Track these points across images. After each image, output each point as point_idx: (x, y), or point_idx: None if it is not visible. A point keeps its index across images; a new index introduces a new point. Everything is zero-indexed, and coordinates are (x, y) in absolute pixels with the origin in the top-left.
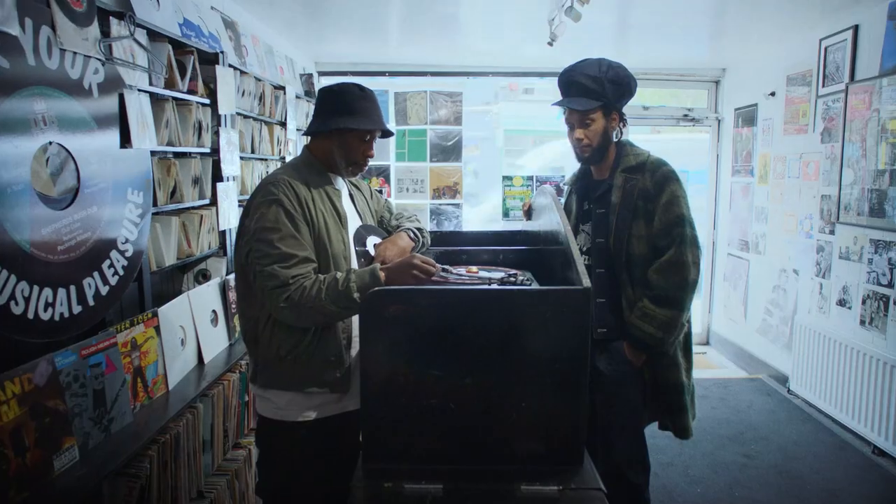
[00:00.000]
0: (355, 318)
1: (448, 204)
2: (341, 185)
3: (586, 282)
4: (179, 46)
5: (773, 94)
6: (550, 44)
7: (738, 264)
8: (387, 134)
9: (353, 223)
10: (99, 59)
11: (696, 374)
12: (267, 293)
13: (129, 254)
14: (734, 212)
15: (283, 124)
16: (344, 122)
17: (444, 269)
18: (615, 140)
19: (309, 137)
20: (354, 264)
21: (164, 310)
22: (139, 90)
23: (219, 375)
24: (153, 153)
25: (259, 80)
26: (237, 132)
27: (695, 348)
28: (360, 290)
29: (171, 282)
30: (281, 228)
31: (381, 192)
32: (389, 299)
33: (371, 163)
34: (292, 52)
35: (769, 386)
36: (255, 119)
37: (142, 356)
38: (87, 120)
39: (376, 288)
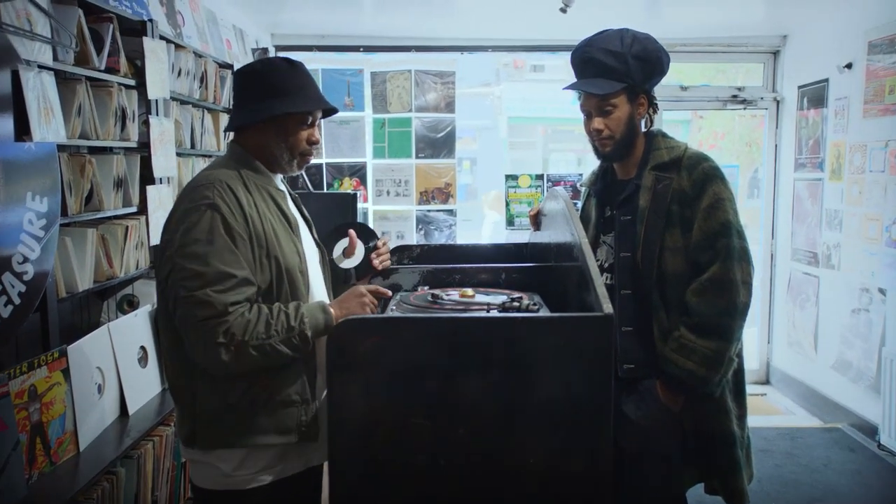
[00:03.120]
0: (320, 344)
1: (439, 210)
2: (282, 186)
3: (607, 307)
4: (94, 12)
5: (849, 66)
6: (564, 10)
7: (804, 282)
8: (329, 111)
9: (303, 230)
10: None
11: (753, 421)
12: (195, 326)
13: (28, 276)
14: (798, 216)
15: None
16: (280, 107)
17: (432, 295)
18: (643, 130)
19: (231, 134)
20: (316, 278)
21: (75, 347)
22: (40, 66)
23: (147, 430)
24: (61, 148)
25: (200, 55)
26: (172, 122)
27: (750, 389)
28: (313, 328)
29: (87, 311)
30: (215, 240)
31: (355, 195)
32: (364, 330)
33: (343, 160)
34: (242, 21)
35: (852, 438)
36: (195, 105)
37: (43, 409)
38: None
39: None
